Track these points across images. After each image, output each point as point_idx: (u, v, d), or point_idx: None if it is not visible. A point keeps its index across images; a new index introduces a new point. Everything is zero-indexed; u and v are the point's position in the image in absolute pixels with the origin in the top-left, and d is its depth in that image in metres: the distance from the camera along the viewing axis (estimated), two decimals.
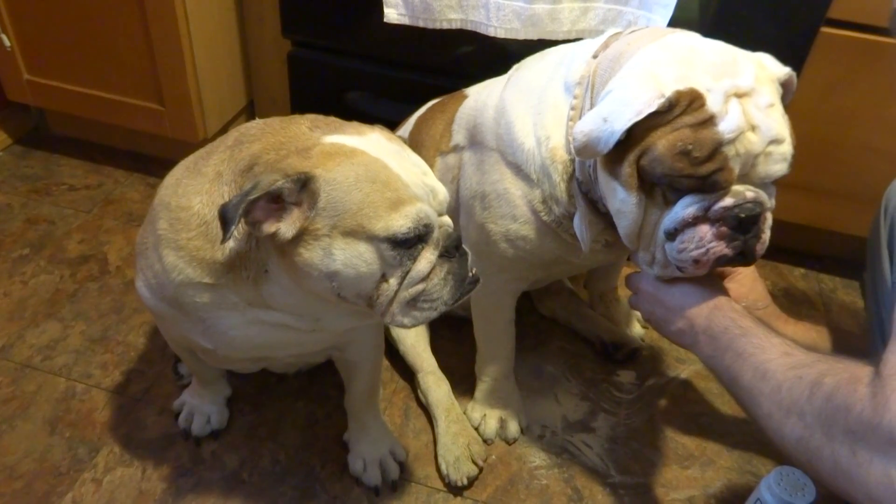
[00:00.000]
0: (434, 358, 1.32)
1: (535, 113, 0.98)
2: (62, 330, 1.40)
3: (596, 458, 1.24)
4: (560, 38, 1.30)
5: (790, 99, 0.88)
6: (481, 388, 1.28)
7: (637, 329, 1.48)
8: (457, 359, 1.37)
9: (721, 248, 0.83)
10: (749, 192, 0.82)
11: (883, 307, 0.95)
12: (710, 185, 0.80)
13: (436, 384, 1.28)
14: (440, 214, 0.84)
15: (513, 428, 1.26)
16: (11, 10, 1.59)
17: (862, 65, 1.31)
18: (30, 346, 1.36)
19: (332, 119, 0.89)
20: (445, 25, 1.36)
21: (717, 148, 0.78)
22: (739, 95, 0.79)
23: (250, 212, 0.75)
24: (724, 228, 0.82)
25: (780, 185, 0.86)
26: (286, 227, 0.77)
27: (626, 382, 1.38)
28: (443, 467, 1.18)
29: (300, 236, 0.77)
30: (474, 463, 1.18)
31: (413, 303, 0.83)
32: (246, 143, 0.85)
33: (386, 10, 1.36)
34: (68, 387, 1.29)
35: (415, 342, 1.33)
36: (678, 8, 1.23)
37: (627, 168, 0.82)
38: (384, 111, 1.53)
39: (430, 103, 1.28)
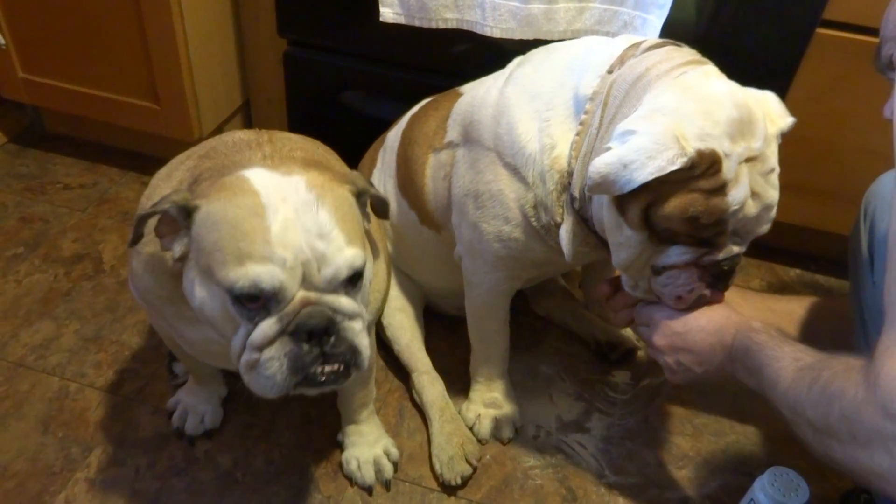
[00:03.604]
0: (429, 358, 1.32)
1: (542, 119, 0.98)
2: (56, 329, 1.40)
3: (590, 459, 1.24)
4: (556, 38, 1.30)
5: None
6: (476, 388, 1.28)
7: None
8: (452, 359, 1.37)
9: (702, 289, 0.91)
10: (736, 247, 0.89)
11: (864, 308, 0.96)
12: (705, 242, 0.87)
13: (430, 384, 1.28)
14: (320, 289, 0.75)
15: (507, 428, 1.25)
16: (6, 8, 1.58)
17: (857, 66, 1.31)
18: (23, 345, 1.36)
19: (300, 148, 0.89)
20: (441, 25, 1.35)
21: (722, 217, 0.83)
22: (749, 159, 0.82)
23: (159, 224, 0.77)
24: (708, 277, 0.90)
25: None
26: (176, 247, 0.77)
27: (621, 383, 1.38)
28: (437, 467, 1.18)
29: (184, 261, 0.78)
30: (468, 463, 1.18)
31: (254, 367, 0.77)
32: (209, 158, 0.86)
33: (382, 10, 1.36)
34: (62, 386, 1.29)
35: (410, 342, 1.32)
36: (674, 8, 1.23)
37: (637, 210, 0.84)
38: (380, 110, 1.53)
39: (423, 101, 1.28)
